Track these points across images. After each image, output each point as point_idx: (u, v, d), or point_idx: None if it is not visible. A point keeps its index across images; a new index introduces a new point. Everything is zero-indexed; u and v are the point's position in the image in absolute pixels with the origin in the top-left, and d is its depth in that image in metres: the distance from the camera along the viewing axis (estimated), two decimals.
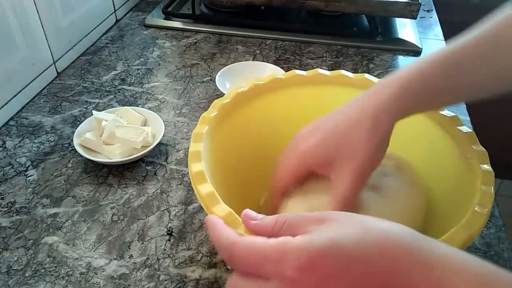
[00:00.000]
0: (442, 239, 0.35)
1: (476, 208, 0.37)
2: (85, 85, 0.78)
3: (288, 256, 0.27)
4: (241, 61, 0.82)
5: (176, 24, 0.96)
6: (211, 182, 0.40)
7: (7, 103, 0.69)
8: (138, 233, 0.52)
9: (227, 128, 0.49)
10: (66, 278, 0.47)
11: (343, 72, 0.53)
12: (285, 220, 0.30)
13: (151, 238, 0.51)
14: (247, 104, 0.51)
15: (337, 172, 0.40)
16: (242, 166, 0.51)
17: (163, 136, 0.62)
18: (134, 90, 0.76)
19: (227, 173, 0.48)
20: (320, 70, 0.53)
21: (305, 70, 0.54)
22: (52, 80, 0.79)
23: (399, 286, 0.26)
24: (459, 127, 0.46)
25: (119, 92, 0.76)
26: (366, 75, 0.53)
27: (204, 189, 0.38)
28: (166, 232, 0.52)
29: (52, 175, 0.59)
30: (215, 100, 0.50)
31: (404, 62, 0.86)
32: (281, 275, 0.27)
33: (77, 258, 0.49)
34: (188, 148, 0.45)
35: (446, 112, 0.48)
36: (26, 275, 0.47)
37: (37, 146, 0.64)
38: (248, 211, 0.33)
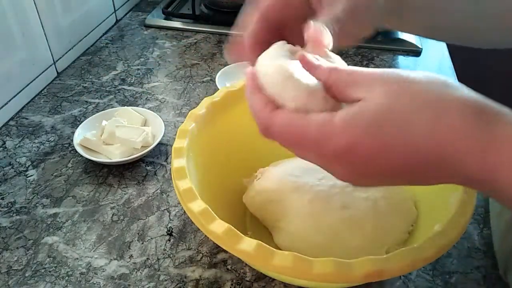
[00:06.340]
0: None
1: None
2: (85, 85, 0.78)
3: (328, 137, 0.26)
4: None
5: (176, 24, 0.96)
6: (195, 180, 0.41)
7: (7, 103, 0.69)
8: (138, 233, 0.52)
9: (216, 126, 0.50)
10: (66, 278, 0.47)
11: None
12: (336, 76, 0.28)
13: (151, 238, 0.51)
14: (238, 103, 0.51)
15: None
16: (230, 164, 0.51)
17: (163, 136, 0.62)
18: (134, 90, 0.76)
19: (214, 170, 0.48)
20: None
21: None
22: (52, 80, 0.79)
23: (446, 177, 0.25)
24: None
25: (119, 92, 0.76)
26: None
27: (183, 185, 0.40)
28: (166, 232, 0.52)
29: (52, 175, 0.59)
30: (205, 98, 0.50)
31: (404, 62, 0.86)
32: (320, 153, 0.27)
33: (77, 258, 0.49)
34: None
35: None
36: (26, 275, 0.47)
37: (37, 146, 0.64)
38: (306, 58, 0.30)
